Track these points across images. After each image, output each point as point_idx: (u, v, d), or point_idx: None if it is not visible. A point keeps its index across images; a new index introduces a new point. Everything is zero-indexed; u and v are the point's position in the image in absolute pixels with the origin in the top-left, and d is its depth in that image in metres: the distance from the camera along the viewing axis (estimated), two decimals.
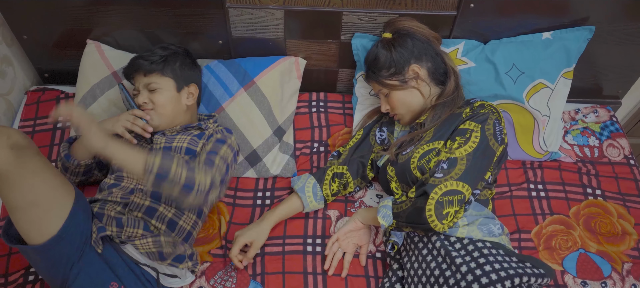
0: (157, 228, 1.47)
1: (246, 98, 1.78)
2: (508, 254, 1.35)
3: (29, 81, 2.00)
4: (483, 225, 1.42)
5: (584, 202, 1.73)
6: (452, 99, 1.54)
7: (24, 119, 1.87)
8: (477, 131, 1.42)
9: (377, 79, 1.59)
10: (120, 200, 1.49)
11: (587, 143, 1.88)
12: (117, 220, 1.44)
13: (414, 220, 1.39)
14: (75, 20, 1.76)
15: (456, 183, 1.37)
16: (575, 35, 1.71)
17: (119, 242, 1.43)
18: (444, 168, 1.39)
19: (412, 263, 1.44)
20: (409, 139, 1.56)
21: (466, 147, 1.41)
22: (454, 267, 1.32)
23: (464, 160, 1.39)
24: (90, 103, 1.76)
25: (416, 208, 1.39)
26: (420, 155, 1.48)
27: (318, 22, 1.73)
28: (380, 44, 1.60)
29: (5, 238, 1.31)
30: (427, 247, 1.41)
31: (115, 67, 1.79)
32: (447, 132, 1.48)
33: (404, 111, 1.60)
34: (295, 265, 1.58)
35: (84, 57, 1.82)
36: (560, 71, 1.73)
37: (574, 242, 1.64)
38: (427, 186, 1.38)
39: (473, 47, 1.74)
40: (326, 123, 1.90)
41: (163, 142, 1.57)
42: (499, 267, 1.28)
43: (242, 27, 1.75)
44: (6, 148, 1.16)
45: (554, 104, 1.76)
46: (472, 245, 1.36)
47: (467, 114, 1.48)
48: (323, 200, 1.66)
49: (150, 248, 1.43)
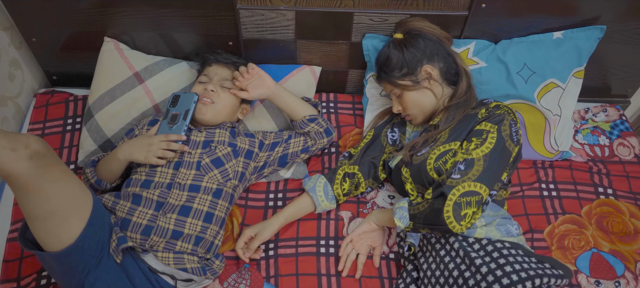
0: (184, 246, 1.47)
1: (262, 110, 1.83)
2: (527, 254, 1.37)
3: (37, 84, 2.00)
4: (501, 225, 1.45)
5: (596, 202, 1.75)
6: (465, 99, 1.56)
7: (33, 121, 1.87)
8: (493, 132, 1.44)
9: (389, 79, 1.61)
10: (157, 199, 1.49)
11: (597, 142, 1.90)
12: (145, 228, 1.44)
13: (431, 222, 1.41)
14: (85, 23, 1.77)
15: (474, 184, 1.39)
16: (586, 34, 1.73)
17: (140, 251, 1.44)
18: (461, 170, 1.41)
19: (429, 264, 1.46)
20: (423, 140, 1.58)
21: (483, 148, 1.43)
22: (473, 267, 1.34)
23: (480, 161, 1.41)
24: (107, 103, 1.76)
25: (434, 209, 1.40)
26: (437, 157, 1.49)
27: (329, 23, 1.74)
28: (391, 45, 1.61)
29: (21, 242, 1.30)
30: (445, 248, 1.43)
31: (136, 68, 1.79)
32: (463, 133, 1.50)
33: (417, 112, 1.62)
34: (309, 267, 1.60)
35: (102, 55, 1.81)
36: (572, 70, 1.75)
37: (587, 242, 1.66)
38: (445, 187, 1.39)
39: (484, 47, 1.76)
40: (336, 124, 1.92)
41: (203, 136, 1.60)
42: (519, 268, 1.29)
43: (252, 28, 1.76)
44: (25, 159, 1.12)
45: (565, 104, 1.78)
46: (491, 245, 1.38)
47: (483, 115, 1.50)
48: (335, 200, 1.67)
49: (170, 263, 1.44)
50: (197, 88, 1.66)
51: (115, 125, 1.76)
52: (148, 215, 1.47)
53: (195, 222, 1.49)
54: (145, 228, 1.44)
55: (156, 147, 1.53)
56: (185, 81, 1.81)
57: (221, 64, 1.71)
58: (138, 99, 1.77)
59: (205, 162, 1.56)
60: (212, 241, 1.53)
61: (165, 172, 1.54)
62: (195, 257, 1.49)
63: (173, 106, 1.62)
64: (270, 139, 1.70)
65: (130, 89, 1.77)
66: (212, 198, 1.53)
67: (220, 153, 1.58)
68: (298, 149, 1.71)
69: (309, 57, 1.89)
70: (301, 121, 1.69)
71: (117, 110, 1.76)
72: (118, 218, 1.47)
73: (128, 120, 1.76)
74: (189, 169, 1.54)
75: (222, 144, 1.60)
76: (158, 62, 1.82)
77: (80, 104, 1.91)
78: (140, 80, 1.78)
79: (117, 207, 1.49)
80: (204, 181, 1.53)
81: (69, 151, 1.83)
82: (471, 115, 1.52)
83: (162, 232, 1.45)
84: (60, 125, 1.87)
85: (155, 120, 1.68)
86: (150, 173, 1.54)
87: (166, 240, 1.45)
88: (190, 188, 1.51)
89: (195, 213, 1.49)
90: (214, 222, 1.53)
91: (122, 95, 1.77)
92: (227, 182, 1.57)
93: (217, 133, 1.62)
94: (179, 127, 1.58)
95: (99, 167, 1.62)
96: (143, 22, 1.76)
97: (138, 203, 1.49)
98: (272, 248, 1.63)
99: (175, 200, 1.49)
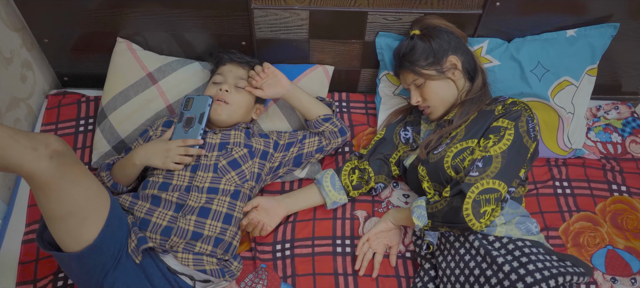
0: (203, 248, 1.49)
1: (276, 110, 1.84)
2: (548, 253, 1.38)
3: (48, 85, 2.01)
4: (521, 223, 1.46)
5: (610, 199, 1.77)
6: (480, 95, 1.58)
7: (45, 123, 1.87)
8: (510, 128, 1.45)
9: (413, 68, 1.60)
10: (176, 201, 1.49)
11: (609, 139, 1.92)
12: (165, 229, 1.45)
13: (450, 220, 1.42)
14: (97, 23, 1.78)
15: (492, 182, 1.40)
16: (599, 32, 1.75)
17: (160, 251, 1.45)
18: (479, 167, 1.42)
19: (448, 263, 1.47)
20: (437, 136, 1.59)
21: (500, 144, 1.44)
22: (495, 266, 1.35)
23: (498, 158, 1.42)
24: (120, 104, 1.76)
25: (453, 207, 1.42)
26: (454, 154, 1.50)
27: (343, 22, 1.76)
28: (416, 37, 1.63)
29: (39, 243, 1.31)
30: (464, 247, 1.44)
31: (150, 69, 1.79)
32: (480, 130, 1.51)
33: (437, 103, 1.62)
34: (325, 266, 1.61)
35: (115, 55, 1.82)
36: (585, 68, 1.77)
37: (602, 239, 1.68)
38: (463, 185, 1.41)
39: (497, 45, 1.78)
40: (349, 123, 1.94)
41: (218, 138, 1.61)
42: (541, 266, 1.31)
43: (266, 28, 1.78)
44: (46, 158, 1.13)
45: (578, 101, 1.80)
46: (512, 244, 1.39)
47: (500, 112, 1.51)
48: (343, 191, 1.68)
49: (189, 264, 1.45)
50: (211, 88, 1.68)
51: (129, 126, 1.76)
52: (168, 216, 1.47)
53: (215, 224, 1.50)
54: (165, 229, 1.45)
55: (174, 152, 1.55)
56: (198, 81, 1.82)
57: (236, 63, 1.72)
58: (152, 100, 1.77)
59: (222, 164, 1.57)
60: (230, 242, 1.54)
61: (183, 175, 1.55)
62: (214, 258, 1.50)
63: (187, 109, 1.63)
64: (284, 139, 1.71)
65: (144, 90, 1.78)
66: (230, 199, 1.54)
67: (236, 155, 1.60)
68: (312, 149, 1.73)
69: (321, 57, 1.90)
70: (315, 121, 1.70)
71: (131, 111, 1.76)
72: (136, 218, 1.48)
73: (142, 121, 1.77)
74: (206, 172, 1.55)
75: (238, 145, 1.61)
76: (171, 62, 1.83)
77: (93, 105, 1.91)
78: (154, 81, 1.79)
79: (135, 207, 1.50)
80: (221, 183, 1.55)
81: (82, 152, 1.83)
82: (487, 111, 1.54)
83: (182, 233, 1.46)
84: (73, 126, 1.87)
85: (170, 121, 1.69)
86: (168, 176, 1.55)
87: (186, 241, 1.46)
88: (209, 191, 1.52)
89: (215, 214, 1.51)
90: (233, 223, 1.54)
91: (135, 96, 1.77)
92: (245, 183, 1.59)
93: (232, 135, 1.63)
94: (195, 131, 1.59)
95: (114, 170, 1.62)
96: (155, 23, 1.78)
97: (157, 204, 1.50)
98: (289, 248, 1.64)
99: (194, 202, 1.50)
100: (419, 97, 1.64)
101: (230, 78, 1.68)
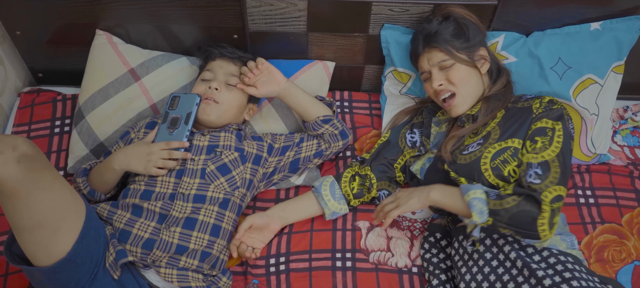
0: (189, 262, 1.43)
1: (270, 110, 1.80)
2: (590, 273, 1.33)
3: (21, 82, 1.98)
4: (566, 235, 1.43)
5: (638, 209, 1.70)
6: (504, 92, 1.55)
7: (17, 123, 1.84)
8: (559, 130, 1.42)
9: (445, 46, 1.53)
10: (159, 210, 1.44)
11: (638, 144, 1.86)
12: (146, 242, 1.40)
13: (520, 225, 1.34)
14: (74, 14, 1.74)
15: (558, 188, 1.36)
16: (626, 25, 1.69)
17: (141, 266, 1.40)
18: (539, 174, 1.37)
19: (474, 275, 1.39)
20: (459, 135, 1.53)
21: (552, 148, 1.40)
22: (533, 279, 1.27)
23: (555, 162, 1.38)
24: (100, 103, 1.72)
25: (526, 212, 1.34)
26: (493, 155, 1.44)
27: (344, 14, 1.70)
28: (451, 18, 1.56)
29: (7, 256, 1.27)
30: (498, 258, 1.37)
31: (132, 64, 1.75)
32: (521, 129, 1.45)
33: (464, 91, 1.53)
34: (323, 283, 1.54)
35: (94, 49, 1.78)
36: (611, 65, 1.72)
37: (628, 254, 1.62)
38: (535, 193, 1.34)
39: (514, 40, 1.73)
40: (351, 125, 1.88)
41: (206, 140, 1.55)
42: (585, 285, 1.24)
43: (260, 20, 1.73)
44: (13, 161, 1.09)
45: (603, 102, 1.74)
46: (553, 257, 1.34)
47: (539, 110, 1.46)
48: (344, 200, 1.63)
49: (173, 280, 1.40)
50: (199, 86, 1.62)
51: (108, 127, 1.72)
52: (150, 227, 1.42)
53: (202, 236, 1.44)
54: (146, 242, 1.40)
55: (156, 156, 1.48)
56: (185, 78, 1.78)
57: (227, 59, 1.65)
58: (134, 99, 1.73)
59: (210, 169, 1.50)
60: (218, 257, 1.49)
61: (167, 182, 1.49)
62: (201, 274, 1.45)
63: (172, 109, 1.57)
64: (280, 142, 1.65)
65: (125, 87, 1.73)
66: (218, 209, 1.48)
67: (226, 159, 1.53)
68: (311, 154, 1.66)
69: (321, 52, 1.85)
70: (314, 122, 1.63)
71: (111, 111, 1.72)
72: (116, 229, 1.43)
73: (123, 121, 1.72)
74: (192, 178, 1.49)
75: (228, 148, 1.55)
76: (156, 57, 1.78)
77: (70, 104, 1.87)
78: (136, 78, 1.74)
79: (114, 217, 1.45)
80: (209, 190, 1.49)
81: (57, 156, 1.79)
82: (522, 108, 1.49)
83: (165, 246, 1.40)
84: (48, 127, 1.83)
85: (153, 122, 1.64)
86: (151, 182, 1.49)
87: (169, 255, 1.41)
88: (195, 199, 1.47)
89: (201, 226, 1.45)
90: (221, 235, 1.49)
91: (116, 94, 1.73)
92: (235, 190, 1.52)
93: (222, 137, 1.57)
94: (180, 132, 1.53)
95: (91, 176, 1.57)
96: (139, 13, 1.73)
97: (139, 214, 1.44)
98: (283, 262, 1.58)
99: (178, 212, 1.44)
100: (443, 80, 1.54)
101: (220, 75, 1.62)
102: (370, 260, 1.58)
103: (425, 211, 1.69)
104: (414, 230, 1.64)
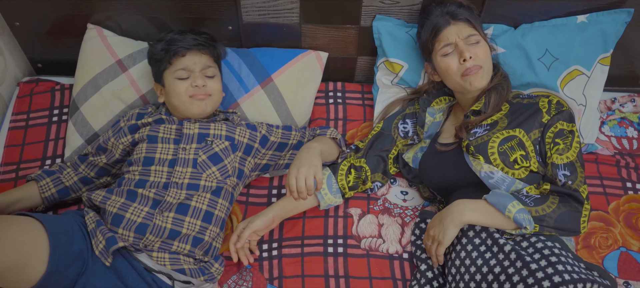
0: (181, 247, 1.46)
1: (263, 96, 1.79)
2: (576, 259, 1.37)
3: (21, 72, 1.99)
4: None
5: (624, 197, 1.73)
6: (504, 86, 1.60)
7: (16, 112, 1.86)
8: (575, 131, 1.51)
9: (475, 22, 1.59)
10: (153, 196, 1.46)
11: (625, 134, 1.89)
12: (139, 226, 1.42)
13: (565, 226, 1.42)
14: (71, 6, 1.75)
15: (585, 187, 1.46)
16: (612, 18, 1.72)
17: (133, 250, 1.42)
18: (567, 175, 1.45)
19: (462, 259, 1.42)
20: (478, 120, 1.54)
21: (573, 149, 1.49)
22: (520, 262, 1.32)
23: (577, 162, 1.48)
24: (91, 94, 1.75)
25: (569, 213, 1.43)
26: (501, 141, 1.49)
27: (336, 6, 1.73)
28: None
29: None
30: (491, 250, 1.40)
31: (119, 55, 1.77)
32: (527, 122, 1.51)
33: (487, 68, 1.58)
34: (315, 268, 1.58)
35: (85, 43, 1.80)
36: (597, 57, 1.74)
37: (615, 240, 1.65)
38: (576, 192, 1.44)
39: (502, 31, 1.75)
40: (344, 115, 1.90)
41: (196, 128, 1.57)
42: (570, 269, 1.29)
43: (253, 12, 1.75)
44: None
45: (590, 93, 1.76)
46: (540, 243, 1.37)
47: (547, 108, 1.52)
48: (340, 193, 1.65)
49: (166, 264, 1.42)
50: (179, 87, 1.55)
51: (102, 118, 1.75)
52: (143, 212, 1.44)
53: (194, 221, 1.47)
54: (139, 226, 1.42)
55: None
56: None
57: (195, 52, 1.58)
58: (123, 90, 1.75)
59: (201, 158, 1.53)
60: (211, 243, 1.51)
61: (160, 171, 1.51)
62: (192, 258, 1.48)
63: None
64: (276, 137, 1.67)
65: (113, 78, 1.75)
66: (211, 196, 1.51)
67: (217, 149, 1.56)
68: None
69: (314, 43, 1.87)
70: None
71: (102, 102, 1.75)
72: (109, 213, 1.45)
73: (116, 112, 1.75)
74: (185, 167, 1.51)
75: (219, 138, 1.57)
76: (144, 48, 1.77)
77: (68, 94, 1.89)
78: (123, 69, 1.76)
79: (108, 202, 1.46)
80: (202, 179, 1.51)
81: (54, 144, 1.81)
82: (528, 105, 1.55)
83: (158, 230, 1.43)
84: (46, 116, 1.85)
85: (141, 114, 1.65)
86: (144, 172, 1.52)
87: (162, 239, 1.43)
88: (188, 187, 1.49)
89: (194, 211, 1.47)
90: (214, 222, 1.51)
91: (105, 84, 1.75)
92: (227, 179, 1.55)
93: (212, 126, 1.59)
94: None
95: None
96: (132, 5, 1.75)
97: (133, 199, 1.47)
98: (276, 248, 1.61)
99: (172, 198, 1.47)
100: (469, 54, 1.54)
101: (197, 70, 1.57)
102: (361, 246, 1.61)
103: (416, 198, 1.72)
104: (405, 217, 1.67)
